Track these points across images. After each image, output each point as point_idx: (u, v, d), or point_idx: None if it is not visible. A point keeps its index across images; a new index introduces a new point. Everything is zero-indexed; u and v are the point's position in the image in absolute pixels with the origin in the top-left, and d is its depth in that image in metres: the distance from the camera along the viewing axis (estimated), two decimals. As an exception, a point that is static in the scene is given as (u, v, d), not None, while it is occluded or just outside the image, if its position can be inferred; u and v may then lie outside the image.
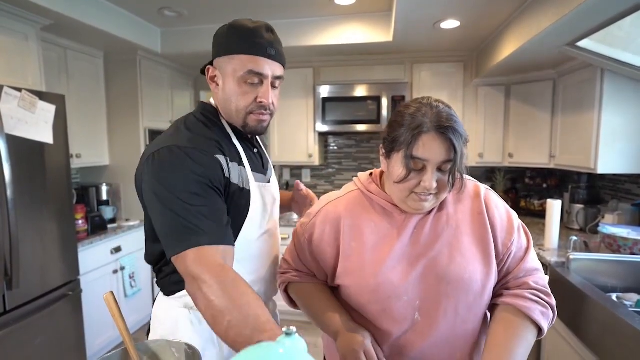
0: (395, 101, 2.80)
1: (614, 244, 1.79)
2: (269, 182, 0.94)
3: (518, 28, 1.99)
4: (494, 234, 0.78)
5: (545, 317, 0.74)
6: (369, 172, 0.88)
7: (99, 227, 2.51)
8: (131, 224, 2.74)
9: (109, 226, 2.63)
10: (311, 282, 0.88)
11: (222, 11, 2.47)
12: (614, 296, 1.51)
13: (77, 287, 2.09)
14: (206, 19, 2.59)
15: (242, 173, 0.84)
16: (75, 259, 2.10)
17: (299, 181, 1.11)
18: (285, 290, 0.92)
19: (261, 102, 0.81)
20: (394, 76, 2.89)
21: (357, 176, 0.88)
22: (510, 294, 0.77)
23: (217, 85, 0.84)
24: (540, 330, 0.74)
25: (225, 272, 0.67)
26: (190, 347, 0.72)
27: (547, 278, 0.81)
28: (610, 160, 2.00)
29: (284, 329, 0.38)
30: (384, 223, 0.79)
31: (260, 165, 0.92)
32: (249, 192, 0.84)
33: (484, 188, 0.83)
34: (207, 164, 0.75)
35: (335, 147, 3.38)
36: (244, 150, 0.87)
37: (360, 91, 2.85)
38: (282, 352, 0.36)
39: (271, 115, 0.85)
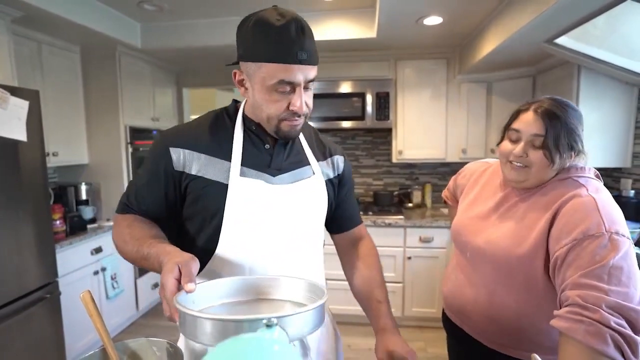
0: (380, 97, 2.82)
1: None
2: (278, 182, 0.84)
3: (499, 25, 2.02)
4: (550, 229, 0.81)
5: (596, 337, 0.65)
6: None
7: (78, 228, 2.44)
8: (112, 223, 2.66)
9: (89, 226, 2.55)
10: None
11: (204, 5, 2.42)
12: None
13: (55, 290, 2.03)
14: (188, 13, 2.54)
15: (222, 167, 0.81)
16: (53, 261, 2.03)
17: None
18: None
19: (293, 110, 0.77)
20: (379, 73, 2.90)
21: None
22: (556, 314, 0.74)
23: (246, 89, 0.81)
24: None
25: (120, 220, 0.87)
26: (172, 345, 0.70)
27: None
28: (587, 155, 2.06)
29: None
30: (494, 189, 1.00)
31: (264, 163, 0.84)
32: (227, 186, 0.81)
33: (584, 192, 0.80)
34: (158, 152, 0.83)
35: (321, 144, 3.37)
36: (246, 146, 0.84)
37: (345, 88, 2.85)
38: (262, 345, 0.36)
39: (305, 117, 0.81)
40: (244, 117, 0.85)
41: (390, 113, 2.83)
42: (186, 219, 0.85)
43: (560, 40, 1.85)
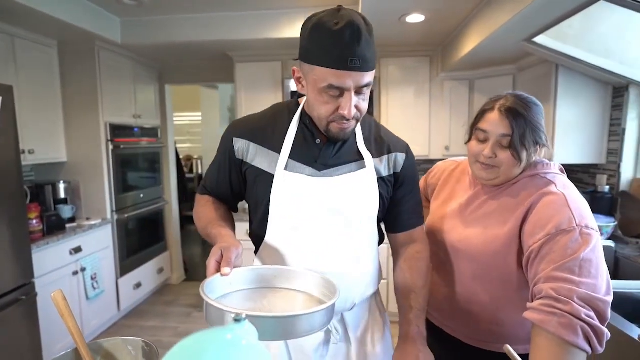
0: (364, 95, 2.82)
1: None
2: (322, 176, 0.85)
3: (479, 23, 2.05)
4: (522, 225, 0.83)
5: (568, 329, 0.67)
6: None
7: (55, 227, 2.37)
8: (92, 223, 2.61)
9: (68, 226, 2.49)
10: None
11: (184, 1, 2.38)
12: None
13: (31, 291, 1.97)
14: (169, 8, 2.50)
15: (273, 158, 0.85)
16: (28, 261, 1.97)
17: None
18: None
19: (342, 113, 0.77)
20: (363, 70, 2.91)
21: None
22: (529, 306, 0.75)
23: (303, 87, 0.83)
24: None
25: (198, 199, 0.99)
26: (147, 344, 0.69)
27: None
28: (564, 152, 2.12)
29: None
30: (464, 188, 1.01)
31: (312, 158, 0.85)
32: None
33: (554, 189, 0.82)
34: (225, 141, 0.91)
35: (306, 142, 3.37)
36: (298, 140, 0.86)
37: (330, 85, 2.85)
38: (229, 338, 0.35)
39: (357, 120, 0.81)
40: (302, 111, 0.88)
41: (374, 111, 2.84)
42: (247, 202, 0.95)
43: (539, 39, 1.89)
